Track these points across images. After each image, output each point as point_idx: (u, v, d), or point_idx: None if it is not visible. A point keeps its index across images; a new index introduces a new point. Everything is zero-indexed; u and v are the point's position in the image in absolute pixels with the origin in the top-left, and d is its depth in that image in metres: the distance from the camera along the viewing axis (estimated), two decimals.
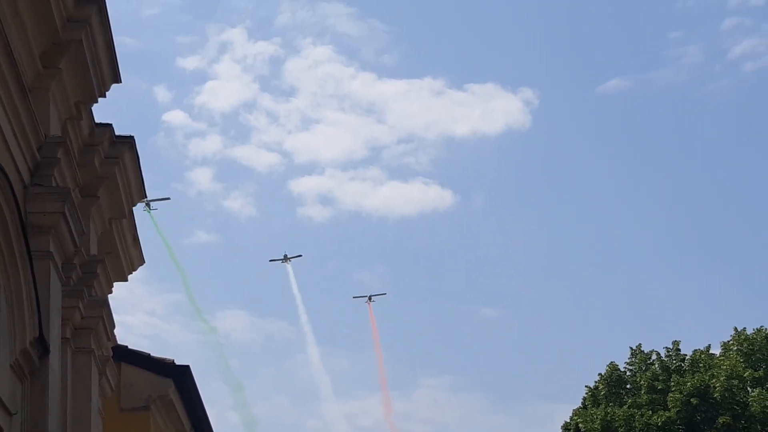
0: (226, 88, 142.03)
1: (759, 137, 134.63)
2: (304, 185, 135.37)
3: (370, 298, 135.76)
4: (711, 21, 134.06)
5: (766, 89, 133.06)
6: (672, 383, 70.31)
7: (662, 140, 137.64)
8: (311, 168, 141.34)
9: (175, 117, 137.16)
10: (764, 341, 71.29)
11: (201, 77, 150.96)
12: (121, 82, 21.07)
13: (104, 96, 20.97)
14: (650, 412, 69.09)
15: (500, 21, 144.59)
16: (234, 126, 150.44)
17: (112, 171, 21.34)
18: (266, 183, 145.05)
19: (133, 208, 23.38)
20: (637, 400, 71.77)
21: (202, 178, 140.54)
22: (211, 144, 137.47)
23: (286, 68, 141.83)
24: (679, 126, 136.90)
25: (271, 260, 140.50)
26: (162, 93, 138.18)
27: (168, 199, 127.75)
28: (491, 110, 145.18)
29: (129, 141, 21.66)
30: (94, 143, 20.75)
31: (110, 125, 21.21)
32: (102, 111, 21.68)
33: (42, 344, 17.30)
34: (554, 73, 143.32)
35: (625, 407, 71.03)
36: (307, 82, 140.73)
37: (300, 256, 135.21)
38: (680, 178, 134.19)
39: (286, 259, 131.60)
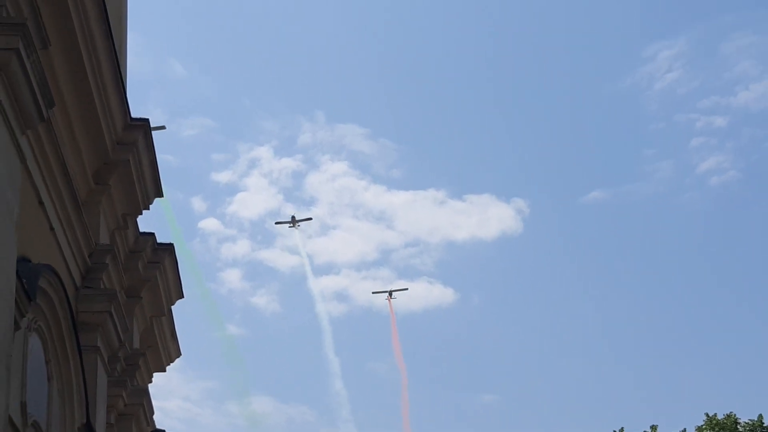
0: (254, 199, 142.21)
1: (724, 242, 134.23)
2: (323, 284, 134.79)
3: (390, 294, 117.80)
4: (681, 140, 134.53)
5: (730, 201, 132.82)
6: None
7: (638, 245, 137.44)
8: (329, 269, 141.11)
9: (209, 224, 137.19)
10: (733, 425, 70.41)
11: (232, 189, 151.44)
12: (163, 196, 21.19)
13: (148, 209, 21.09)
14: None
15: (494, 138, 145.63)
16: (261, 232, 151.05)
17: (153, 274, 21.37)
18: (290, 282, 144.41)
19: (173, 306, 23.42)
20: None
21: (233, 277, 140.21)
22: (241, 248, 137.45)
23: (307, 181, 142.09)
24: (653, 233, 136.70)
25: (277, 222, 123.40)
26: (198, 203, 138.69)
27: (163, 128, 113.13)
28: (487, 218, 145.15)
29: (169, 248, 21.74)
30: (138, 250, 20.80)
31: (153, 234, 21.28)
32: (145, 220, 21.85)
33: (89, 429, 17.21)
34: (542, 185, 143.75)
35: None
36: (326, 193, 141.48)
37: (310, 219, 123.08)
38: (655, 278, 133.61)
39: (294, 221, 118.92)
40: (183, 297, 23.25)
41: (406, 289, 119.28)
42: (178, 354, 24.60)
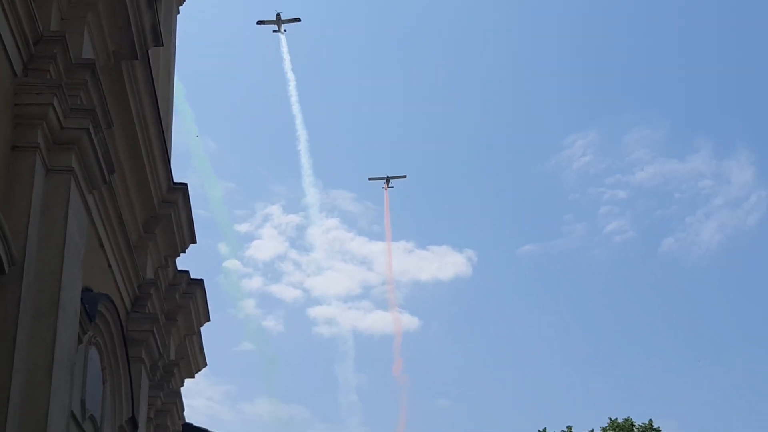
0: (266, 245, 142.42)
1: (625, 286, 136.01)
2: (317, 312, 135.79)
3: (387, 181, 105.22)
4: (592, 208, 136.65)
5: (628, 255, 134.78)
6: None
7: (561, 287, 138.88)
8: (322, 300, 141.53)
9: (232, 264, 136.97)
10: (630, 428, 70.17)
11: (250, 237, 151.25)
12: (196, 242, 21.33)
13: (185, 252, 21.23)
14: None
15: (451, 203, 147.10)
16: (271, 271, 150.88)
17: (187, 303, 21.43)
18: (292, 310, 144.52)
19: (201, 327, 23.43)
20: None
21: (248, 305, 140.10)
22: (255, 283, 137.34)
23: (308, 232, 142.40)
24: (571, 278, 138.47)
25: (258, 22, 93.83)
26: (223, 248, 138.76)
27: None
28: (445, 263, 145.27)
29: (200, 282, 21.81)
30: (176, 283, 20.87)
31: (187, 271, 21.35)
32: (182, 260, 21.96)
33: (133, 422, 17.17)
34: (487, 239, 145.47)
35: None
36: (321, 242, 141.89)
37: (298, 20, 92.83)
38: (574, 311, 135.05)
39: (279, 22, 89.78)
40: (210, 320, 23.28)
41: (404, 176, 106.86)
42: (205, 364, 24.59)
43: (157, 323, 18.51)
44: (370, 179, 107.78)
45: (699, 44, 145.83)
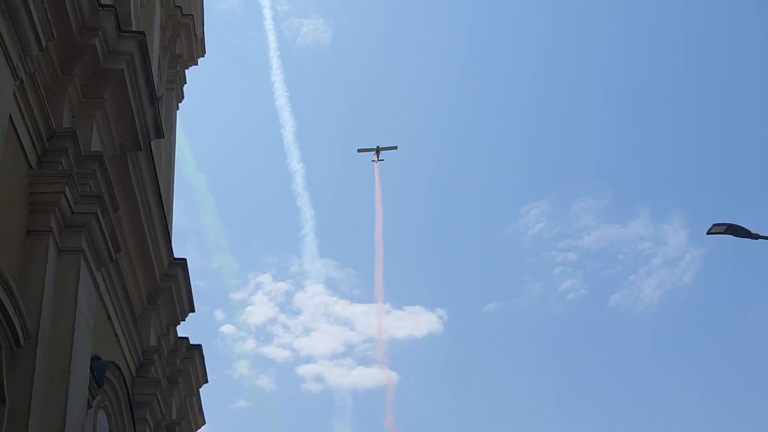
0: (258, 311, 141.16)
1: (580, 340, 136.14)
2: (305, 370, 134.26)
3: (378, 153, 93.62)
4: (547, 269, 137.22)
5: (581, 311, 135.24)
6: None
7: (520, 340, 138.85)
8: (310, 359, 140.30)
9: (227, 329, 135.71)
10: None
11: (243, 304, 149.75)
12: (195, 311, 20.99)
13: (184, 320, 20.86)
14: None
15: (423, 268, 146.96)
16: (263, 334, 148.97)
17: (187, 367, 20.98)
18: (282, 368, 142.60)
19: (200, 389, 22.93)
20: None
21: (242, 366, 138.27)
22: (248, 345, 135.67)
23: (296, 298, 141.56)
24: (530, 332, 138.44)
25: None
26: (219, 314, 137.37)
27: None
28: (419, 322, 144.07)
29: (198, 348, 21.38)
30: (177, 349, 20.47)
31: (187, 338, 20.95)
32: (182, 328, 21.57)
33: None
34: (456, 300, 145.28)
35: None
36: (308, 306, 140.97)
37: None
38: (536, 364, 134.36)
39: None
40: (207, 382, 22.76)
41: (395, 147, 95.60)
42: (204, 422, 23.97)
43: (160, 387, 18.08)
44: (359, 151, 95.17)
45: (635, 124, 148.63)
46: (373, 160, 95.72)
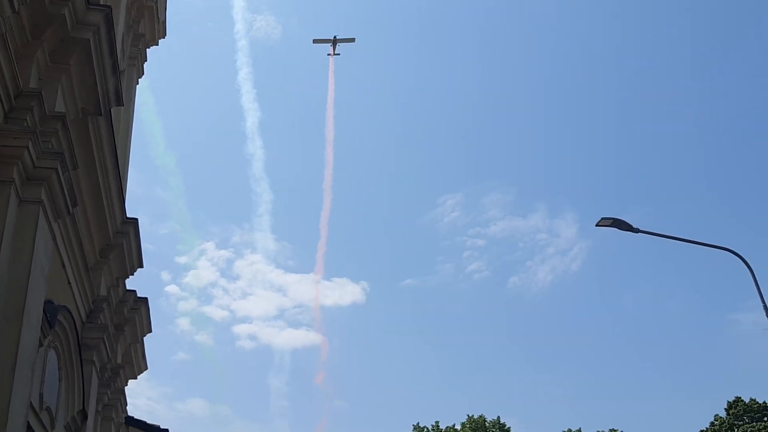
0: (201, 274, 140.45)
1: (482, 314, 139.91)
2: (240, 329, 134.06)
3: (334, 45, 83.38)
4: (458, 252, 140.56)
5: (485, 289, 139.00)
6: None
7: (432, 311, 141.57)
8: (245, 319, 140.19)
9: (172, 289, 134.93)
10: (483, 423, 70.84)
11: (187, 268, 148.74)
12: (143, 267, 20.80)
13: (133, 275, 20.65)
14: None
15: (349, 247, 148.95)
16: (204, 295, 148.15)
17: (133, 317, 20.81)
18: (220, 327, 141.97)
19: (144, 337, 22.75)
20: None
21: (184, 323, 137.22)
22: (190, 305, 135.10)
23: (236, 265, 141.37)
24: (442, 305, 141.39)
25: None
26: (165, 275, 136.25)
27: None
28: (345, 292, 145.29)
29: (144, 300, 21.22)
30: (125, 300, 20.29)
31: (134, 291, 20.80)
32: (131, 282, 21.36)
33: (83, 414, 16.54)
34: (377, 274, 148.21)
35: None
36: (246, 273, 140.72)
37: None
38: (444, 334, 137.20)
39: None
40: (152, 332, 22.62)
41: (353, 39, 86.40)
42: (146, 368, 23.83)
43: (107, 332, 17.92)
44: (314, 41, 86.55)
45: (541, 131, 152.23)
46: (328, 54, 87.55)
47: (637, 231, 22.40)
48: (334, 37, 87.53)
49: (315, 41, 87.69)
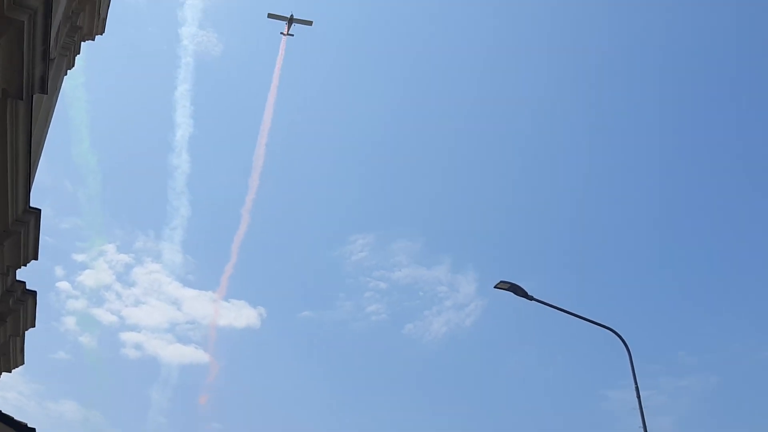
0: (95, 275, 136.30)
1: (375, 356, 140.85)
2: (128, 336, 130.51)
3: (290, 23, 79.78)
4: (359, 291, 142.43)
5: (380, 331, 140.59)
6: None
7: (328, 345, 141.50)
8: (134, 327, 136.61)
9: (63, 285, 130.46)
10: None
11: (83, 266, 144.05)
12: (37, 259, 20.24)
13: (26, 266, 20.08)
14: None
15: (251, 270, 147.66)
16: (96, 297, 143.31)
17: (18, 308, 20.18)
18: (107, 331, 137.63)
19: (26, 331, 22.02)
20: None
21: (70, 322, 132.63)
22: (80, 304, 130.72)
23: (134, 271, 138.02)
24: (338, 342, 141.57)
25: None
26: (59, 270, 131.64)
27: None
28: (241, 315, 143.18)
29: (33, 293, 20.62)
30: (12, 290, 19.67)
31: (24, 282, 20.20)
32: (22, 273, 20.76)
33: None
34: (276, 302, 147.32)
35: None
36: (143, 281, 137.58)
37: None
38: (334, 367, 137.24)
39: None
40: (35, 327, 21.93)
41: (311, 23, 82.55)
42: (22, 363, 23.05)
43: None
44: (269, 16, 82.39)
45: (453, 190, 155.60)
46: (282, 32, 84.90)
47: (531, 298, 23.31)
48: (291, 15, 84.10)
49: (270, 15, 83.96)
